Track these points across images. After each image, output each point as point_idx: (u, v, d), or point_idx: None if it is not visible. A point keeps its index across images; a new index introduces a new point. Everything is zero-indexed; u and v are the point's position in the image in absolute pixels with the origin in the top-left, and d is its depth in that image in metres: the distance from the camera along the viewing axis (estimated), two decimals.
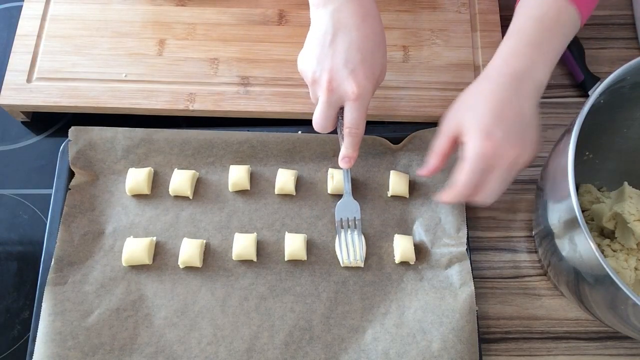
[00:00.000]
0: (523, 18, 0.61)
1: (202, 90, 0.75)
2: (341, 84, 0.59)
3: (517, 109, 0.57)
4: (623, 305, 0.53)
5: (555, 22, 0.59)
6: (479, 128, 0.56)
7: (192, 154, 0.72)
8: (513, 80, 0.58)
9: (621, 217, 0.66)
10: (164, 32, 0.78)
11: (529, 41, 0.59)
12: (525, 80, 0.58)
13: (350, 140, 0.62)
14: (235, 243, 0.67)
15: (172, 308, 0.65)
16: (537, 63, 0.59)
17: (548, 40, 0.59)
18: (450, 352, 0.63)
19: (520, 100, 0.57)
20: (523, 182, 0.75)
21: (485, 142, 0.55)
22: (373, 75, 0.61)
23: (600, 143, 0.70)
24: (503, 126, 0.56)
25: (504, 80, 0.58)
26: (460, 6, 0.81)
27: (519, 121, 0.57)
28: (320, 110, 0.61)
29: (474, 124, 0.57)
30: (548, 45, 0.59)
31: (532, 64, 0.58)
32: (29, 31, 0.77)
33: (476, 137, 0.56)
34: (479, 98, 0.59)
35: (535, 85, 0.58)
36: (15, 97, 0.74)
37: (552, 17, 0.59)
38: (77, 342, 0.63)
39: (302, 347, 0.64)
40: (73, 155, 0.70)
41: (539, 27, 0.59)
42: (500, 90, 0.58)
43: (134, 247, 0.66)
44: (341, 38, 0.59)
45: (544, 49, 0.59)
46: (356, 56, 0.59)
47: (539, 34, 0.59)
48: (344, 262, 0.67)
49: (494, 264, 0.71)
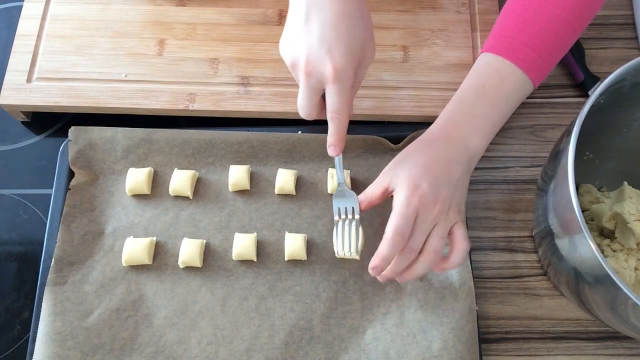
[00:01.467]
0: (466, 84, 0.62)
1: (202, 90, 0.75)
2: (318, 66, 0.56)
3: (446, 168, 0.58)
4: (623, 305, 0.53)
5: (497, 91, 0.60)
6: (407, 178, 0.58)
7: (192, 154, 0.72)
8: (446, 145, 0.60)
9: (621, 217, 0.66)
10: (164, 32, 0.78)
11: (466, 111, 0.61)
12: (457, 147, 0.60)
13: (332, 127, 0.59)
14: (235, 243, 0.67)
15: (172, 308, 0.65)
16: (471, 133, 0.60)
17: (486, 110, 0.60)
18: (451, 352, 0.62)
19: (451, 163, 0.59)
20: (523, 182, 0.75)
21: (411, 189, 0.56)
22: (352, 54, 0.56)
23: (600, 143, 0.70)
24: (429, 179, 0.57)
25: (437, 144, 0.60)
26: (460, 6, 0.81)
27: (446, 180, 0.58)
28: (302, 95, 0.58)
29: (403, 175, 0.58)
30: (485, 116, 0.61)
31: (465, 134, 0.60)
32: (29, 31, 0.77)
33: (403, 186, 0.57)
34: (412, 155, 0.60)
35: (468, 153, 0.60)
36: (15, 97, 0.74)
37: (494, 85, 0.60)
38: (77, 342, 0.63)
39: (302, 346, 0.64)
40: (73, 155, 0.70)
41: (479, 97, 0.61)
42: (432, 150, 0.60)
43: (134, 247, 0.66)
44: (315, 17, 0.56)
45: (479, 119, 0.60)
46: (331, 34, 0.55)
47: (478, 103, 0.61)
48: (339, 253, 0.63)
49: (494, 264, 0.71)
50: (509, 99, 0.61)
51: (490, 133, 0.61)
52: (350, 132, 0.73)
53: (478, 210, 0.73)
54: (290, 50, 0.58)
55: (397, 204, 0.57)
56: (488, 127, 0.61)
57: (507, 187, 0.75)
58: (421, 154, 0.60)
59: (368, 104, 0.75)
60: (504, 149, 0.77)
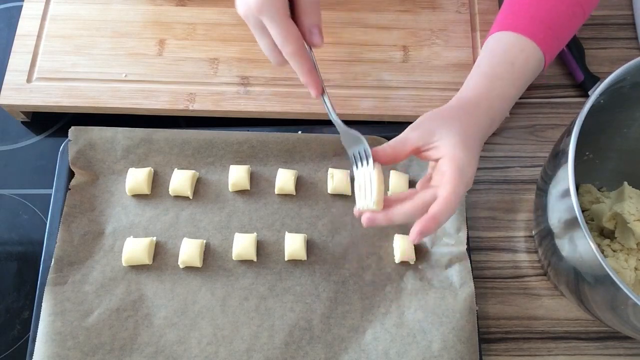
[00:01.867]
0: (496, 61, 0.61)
1: (202, 90, 0.75)
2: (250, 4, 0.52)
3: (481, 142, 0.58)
4: (623, 305, 0.53)
5: (524, 71, 0.60)
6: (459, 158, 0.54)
7: (192, 154, 0.72)
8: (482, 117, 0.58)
9: (621, 217, 0.66)
10: (164, 32, 0.78)
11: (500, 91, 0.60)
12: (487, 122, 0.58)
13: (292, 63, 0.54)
14: (235, 243, 0.67)
15: (172, 308, 0.65)
16: (498, 114, 0.59)
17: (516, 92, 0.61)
18: (451, 352, 0.63)
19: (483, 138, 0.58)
20: (523, 182, 0.75)
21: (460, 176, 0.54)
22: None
23: (600, 143, 0.70)
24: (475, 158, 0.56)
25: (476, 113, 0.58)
26: (460, 6, 0.81)
27: (476, 157, 0.56)
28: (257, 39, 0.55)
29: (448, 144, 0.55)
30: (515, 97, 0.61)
31: (496, 113, 0.59)
32: (29, 31, 0.77)
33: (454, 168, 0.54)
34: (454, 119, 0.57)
35: (491, 131, 0.60)
36: (15, 97, 0.74)
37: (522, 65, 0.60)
38: (77, 342, 0.63)
39: (302, 346, 0.64)
40: (73, 155, 0.70)
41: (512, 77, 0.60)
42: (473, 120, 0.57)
43: (134, 247, 0.66)
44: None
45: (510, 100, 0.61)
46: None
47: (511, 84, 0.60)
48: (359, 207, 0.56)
49: (494, 264, 0.71)
50: (529, 79, 0.61)
51: (510, 106, 0.62)
52: None
53: (478, 210, 0.73)
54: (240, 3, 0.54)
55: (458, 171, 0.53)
56: (508, 107, 0.61)
57: (507, 187, 0.75)
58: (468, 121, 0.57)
59: (368, 104, 0.75)
60: (504, 149, 0.77)
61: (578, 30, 0.66)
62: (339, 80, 0.76)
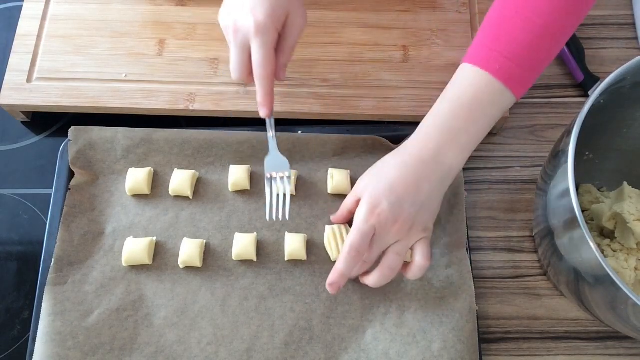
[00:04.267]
0: (443, 97, 0.61)
1: (202, 90, 0.75)
2: (243, 23, 0.60)
3: (413, 187, 0.59)
4: (623, 305, 0.53)
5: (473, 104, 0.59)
6: (369, 195, 0.60)
7: (192, 153, 0.72)
8: (417, 161, 0.60)
9: (621, 217, 0.66)
10: (164, 32, 0.78)
11: (440, 125, 0.60)
12: (429, 163, 0.59)
13: (258, 84, 0.62)
14: (235, 243, 0.67)
15: (172, 308, 0.65)
16: (445, 149, 0.59)
17: (461, 124, 0.59)
18: (451, 352, 0.63)
19: (419, 182, 0.59)
20: (523, 182, 0.75)
21: (371, 208, 0.59)
22: (275, 14, 0.61)
23: (600, 143, 0.70)
24: (392, 198, 0.59)
25: (409, 160, 0.60)
26: (460, 6, 0.81)
27: (411, 199, 0.59)
28: (231, 55, 0.63)
29: (368, 190, 0.60)
30: (461, 130, 0.59)
31: (440, 150, 0.59)
32: (29, 31, 0.77)
33: (365, 202, 0.60)
34: (381, 170, 0.62)
35: (442, 169, 0.60)
36: (15, 97, 0.74)
37: (470, 98, 0.59)
38: (77, 342, 0.63)
39: (302, 347, 0.64)
40: (73, 155, 0.70)
41: (454, 111, 0.59)
42: (402, 168, 0.60)
43: (134, 247, 0.66)
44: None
45: (454, 134, 0.59)
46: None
47: (453, 117, 0.59)
48: (269, 218, 0.65)
49: (494, 264, 0.71)
50: (486, 111, 0.59)
51: (468, 147, 0.60)
52: (351, 132, 0.73)
53: (478, 210, 0.73)
54: (224, 15, 0.63)
55: (356, 220, 0.60)
56: (464, 142, 0.59)
57: (507, 187, 0.75)
58: (391, 170, 0.61)
59: (368, 104, 0.75)
60: (504, 149, 0.77)
61: (577, 30, 0.65)
62: (339, 80, 0.76)
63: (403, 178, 0.59)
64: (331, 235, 0.67)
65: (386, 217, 0.58)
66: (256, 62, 0.61)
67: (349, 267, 0.59)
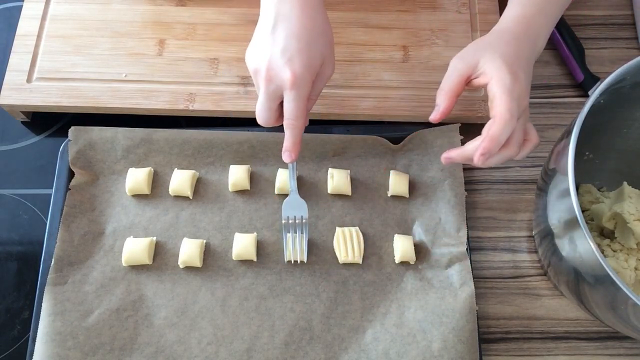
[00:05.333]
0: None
1: (202, 90, 0.75)
2: (278, 73, 0.58)
3: (528, 63, 0.59)
4: (623, 305, 0.53)
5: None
6: (505, 65, 0.58)
7: (192, 153, 0.72)
8: (525, 41, 0.60)
9: (621, 217, 0.66)
10: (164, 32, 0.78)
11: (538, 9, 0.61)
12: (531, 45, 0.60)
13: (288, 133, 0.61)
14: (235, 243, 0.67)
15: (172, 308, 0.65)
16: (542, 32, 0.61)
17: (554, 10, 0.62)
18: (451, 352, 0.63)
19: (529, 59, 0.60)
20: (523, 182, 0.75)
21: (513, 80, 0.57)
22: (311, 66, 0.59)
23: (600, 143, 0.70)
24: (523, 72, 0.58)
25: (519, 38, 0.60)
26: (460, 6, 0.81)
27: (528, 75, 0.59)
28: (261, 101, 0.60)
29: (498, 61, 0.58)
30: (554, 15, 0.62)
31: (538, 33, 0.61)
32: (29, 31, 0.77)
33: (505, 73, 0.57)
34: (499, 44, 0.60)
35: (535, 51, 0.61)
36: (15, 97, 0.74)
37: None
38: (77, 342, 0.63)
39: (302, 347, 0.64)
40: (73, 155, 0.70)
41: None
42: (517, 43, 0.60)
43: (134, 247, 0.66)
44: (281, 27, 0.59)
45: (550, 18, 0.62)
46: (294, 45, 0.59)
47: (552, 3, 0.62)
48: (287, 258, 0.67)
49: (494, 264, 0.71)
50: None
51: (550, 31, 0.63)
52: (351, 132, 0.73)
53: (478, 210, 0.73)
54: (255, 57, 0.61)
55: (503, 87, 0.57)
56: (551, 25, 0.62)
57: (507, 187, 0.75)
58: (509, 45, 0.60)
59: (368, 104, 0.75)
60: None
61: (577, 30, 0.66)
62: (339, 80, 0.76)
63: (522, 53, 0.59)
64: (340, 236, 0.67)
65: (526, 87, 0.58)
66: (290, 113, 0.60)
67: (508, 131, 0.57)
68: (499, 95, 0.57)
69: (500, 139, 0.57)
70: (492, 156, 0.58)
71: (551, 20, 0.62)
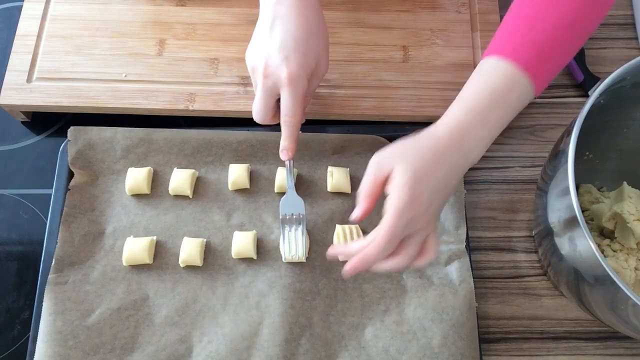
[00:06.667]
0: (475, 88, 0.58)
1: (202, 90, 0.75)
2: (275, 70, 0.60)
3: (447, 177, 0.55)
4: (623, 305, 0.53)
5: (507, 98, 0.57)
6: (411, 181, 0.54)
7: (191, 153, 0.72)
8: (453, 152, 0.56)
9: (621, 217, 0.66)
10: (164, 32, 0.78)
11: (477, 118, 0.57)
12: (462, 155, 0.56)
13: (285, 130, 0.62)
14: (235, 241, 0.67)
15: (173, 307, 0.65)
16: (478, 143, 0.57)
17: (497, 119, 0.57)
18: (451, 349, 0.63)
19: (452, 173, 0.56)
20: (523, 182, 0.75)
21: (411, 198, 0.53)
22: (307, 64, 0.61)
23: (600, 143, 0.70)
24: (430, 189, 0.54)
25: (445, 148, 0.56)
26: (460, 6, 0.81)
27: (443, 190, 0.56)
28: (258, 97, 0.62)
29: (407, 173, 0.54)
30: (496, 124, 0.58)
31: (473, 142, 0.57)
32: (29, 31, 0.77)
33: (405, 189, 0.54)
34: (421, 151, 0.56)
35: (468, 162, 0.57)
36: (15, 97, 0.74)
37: (505, 92, 0.57)
38: (78, 342, 0.63)
39: (303, 344, 0.64)
40: (72, 156, 0.70)
41: (492, 104, 0.57)
42: (441, 154, 0.56)
43: (135, 246, 0.66)
44: (278, 27, 0.61)
45: (490, 128, 0.57)
46: (290, 44, 0.60)
47: (490, 111, 0.57)
48: (286, 257, 0.66)
49: (494, 264, 0.71)
50: (514, 107, 0.58)
51: (489, 136, 0.58)
52: (351, 132, 0.73)
53: (478, 210, 0.73)
54: (253, 55, 0.63)
55: (396, 205, 0.54)
56: (492, 136, 0.58)
57: (507, 187, 0.75)
58: (433, 156, 0.56)
59: (368, 104, 0.75)
60: (504, 149, 0.77)
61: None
62: (339, 80, 0.76)
63: (439, 165, 0.55)
64: (341, 234, 0.67)
65: (424, 210, 0.54)
66: (286, 110, 0.61)
67: (383, 254, 0.54)
68: (389, 214, 0.53)
69: (372, 261, 0.54)
70: (380, 266, 0.56)
71: (493, 131, 0.58)
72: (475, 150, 0.57)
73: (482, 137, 0.57)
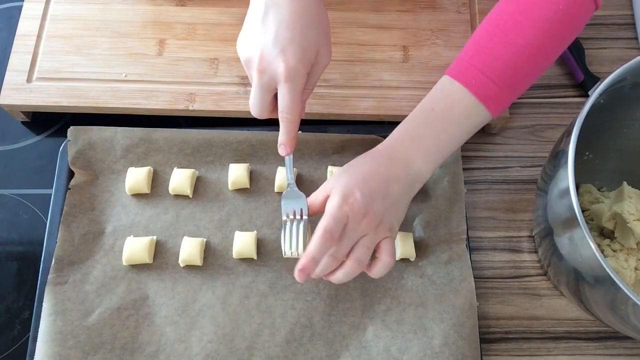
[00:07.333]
0: (419, 106, 0.62)
1: (202, 90, 0.75)
2: (271, 64, 0.56)
3: (384, 184, 0.58)
4: (623, 305, 0.53)
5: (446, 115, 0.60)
6: (343, 185, 0.58)
7: (191, 152, 0.72)
8: (388, 162, 0.60)
9: (621, 217, 0.66)
10: (164, 32, 0.78)
11: (412, 133, 0.61)
12: (400, 166, 0.60)
13: (283, 126, 0.59)
14: (236, 241, 0.67)
15: (173, 307, 0.65)
16: (414, 155, 0.60)
17: (432, 133, 0.60)
18: (452, 348, 0.63)
19: (390, 180, 0.59)
20: (523, 182, 0.75)
21: (344, 196, 0.57)
22: (306, 57, 0.57)
23: (600, 143, 0.70)
24: (365, 190, 0.57)
25: (380, 160, 0.60)
26: (460, 6, 0.81)
27: (382, 195, 0.58)
28: (254, 92, 0.59)
29: (341, 182, 0.58)
30: (430, 139, 0.60)
31: (409, 155, 0.60)
32: (29, 31, 0.77)
33: (338, 191, 0.57)
34: (355, 166, 0.60)
35: (410, 174, 0.60)
36: (15, 97, 0.74)
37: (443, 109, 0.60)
38: (78, 342, 0.63)
39: (303, 344, 0.64)
40: (72, 155, 0.70)
41: (427, 120, 0.60)
42: (374, 165, 0.59)
43: (135, 246, 0.66)
44: (272, 16, 0.57)
45: (423, 142, 0.60)
46: (286, 35, 0.56)
47: (424, 126, 0.60)
48: (286, 253, 0.62)
49: (494, 264, 0.71)
50: (460, 123, 0.60)
51: (437, 157, 0.61)
52: (351, 132, 0.73)
53: (478, 210, 0.73)
54: (246, 47, 0.58)
55: (329, 207, 0.57)
56: (433, 151, 0.60)
57: (507, 187, 0.75)
58: (364, 166, 0.60)
59: (368, 104, 0.75)
60: (504, 149, 0.77)
61: None
62: (339, 80, 0.76)
63: (375, 174, 0.59)
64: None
65: (358, 207, 0.56)
66: (284, 106, 0.58)
67: (322, 251, 0.56)
68: (325, 214, 0.57)
69: (316, 257, 0.56)
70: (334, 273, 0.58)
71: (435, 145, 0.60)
72: (417, 161, 0.60)
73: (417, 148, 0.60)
